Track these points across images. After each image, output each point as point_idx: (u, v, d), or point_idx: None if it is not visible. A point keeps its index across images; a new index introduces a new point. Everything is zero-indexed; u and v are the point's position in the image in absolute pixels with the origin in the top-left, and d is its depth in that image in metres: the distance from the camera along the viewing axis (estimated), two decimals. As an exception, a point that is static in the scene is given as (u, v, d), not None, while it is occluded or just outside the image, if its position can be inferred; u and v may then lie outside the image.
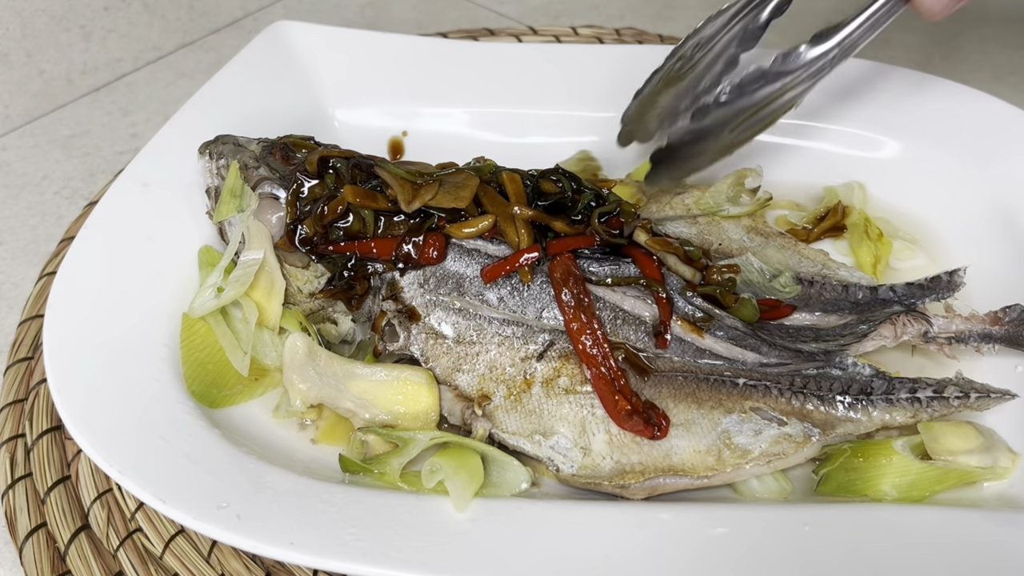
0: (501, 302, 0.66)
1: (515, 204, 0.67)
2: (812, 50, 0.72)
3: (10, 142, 1.04)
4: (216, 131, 0.78)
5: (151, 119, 1.08)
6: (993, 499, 0.61)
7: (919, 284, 0.70)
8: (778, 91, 0.74)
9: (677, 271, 0.68)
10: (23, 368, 0.75)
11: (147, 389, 0.63)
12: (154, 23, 1.16)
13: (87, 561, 0.62)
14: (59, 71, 1.08)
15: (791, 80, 0.73)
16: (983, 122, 0.81)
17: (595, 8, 1.26)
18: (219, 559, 0.62)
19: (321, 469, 0.63)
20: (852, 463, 0.62)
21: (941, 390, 0.62)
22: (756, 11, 0.75)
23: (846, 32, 0.71)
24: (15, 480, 0.67)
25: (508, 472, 0.61)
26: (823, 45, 0.72)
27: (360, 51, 0.92)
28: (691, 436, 0.61)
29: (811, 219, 0.81)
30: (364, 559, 0.53)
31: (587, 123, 0.89)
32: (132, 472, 0.56)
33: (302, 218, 0.69)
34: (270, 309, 0.69)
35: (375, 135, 0.89)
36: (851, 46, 0.71)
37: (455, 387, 0.65)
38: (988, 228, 0.76)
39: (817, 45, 0.72)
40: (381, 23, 1.24)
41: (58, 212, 0.95)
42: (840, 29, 0.71)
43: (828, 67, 0.72)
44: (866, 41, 0.71)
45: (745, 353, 0.65)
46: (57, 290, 0.66)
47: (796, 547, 0.55)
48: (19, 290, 0.86)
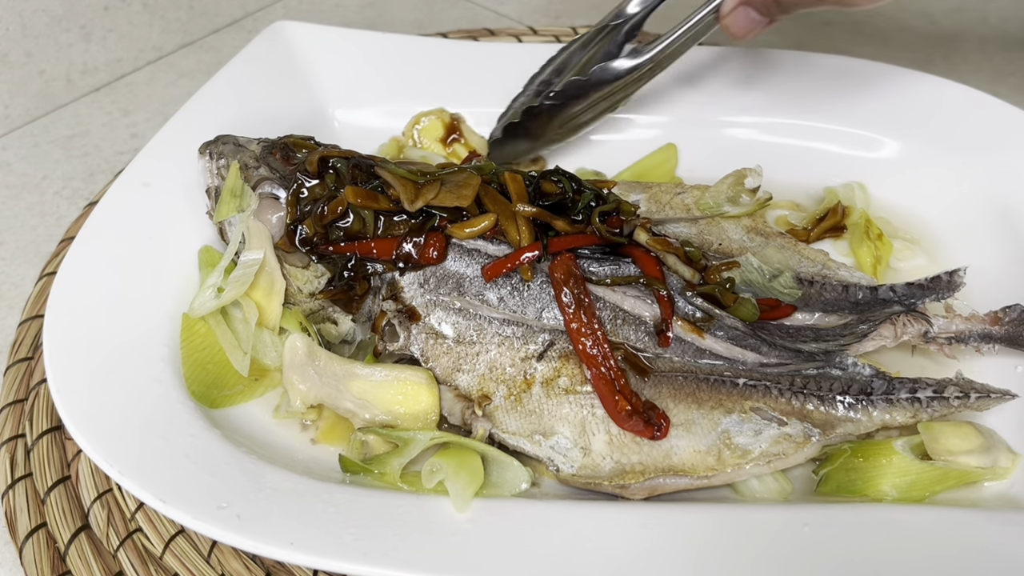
0: (501, 302, 0.66)
1: (517, 203, 0.67)
2: (628, 62, 0.80)
3: (10, 142, 1.04)
4: (216, 131, 0.78)
5: (151, 119, 1.08)
6: (993, 499, 0.61)
7: (919, 284, 0.70)
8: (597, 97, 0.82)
9: (677, 271, 0.68)
10: (23, 368, 0.75)
11: (147, 389, 0.63)
12: (154, 23, 1.16)
13: (87, 561, 0.62)
14: (59, 71, 1.08)
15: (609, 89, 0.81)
16: (983, 122, 0.81)
17: (595, 8, 1.26)
18: (219, 559, 0.62)
19: (321, 469, 0.63)
20: (852, 463, 0.62)
21: (941, 390, 0.62)
22: (612, 35, 0.83)
23: (660, 47, 0.79)
24: (15, 480, 0.67)
25: (508, 472, 0.61)
26: (639, 59, 0.80)
27: (360, 51, 0.92)
28: (691, 436, 0.61)
29: (811, 220, 0.81)
30: (364, 559, 0.53)
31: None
32: (132, 472, 0.56)
33: (302, 218, 0.69)
34: (270, 309, 0.69)
35: (375, 135, 0.89)
36: (664, 60, 0.79)
37: (455, 387, 0.65)
38: (988, 228, 0.76)
39: (633, 58, 0.80)
40: (381, 23, 1.24)
41: (58, 212, 0.95)
42: (655, 45, 0.79)
43: (646, 78, 0.80)
44: (679, 56, 0.79)
45: (745, 353, 0.65)
46: (57, 290, 0.66)
47: (796, 547, 0.55)
48: (19, 290, 0.86)
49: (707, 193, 0.78)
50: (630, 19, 0.82)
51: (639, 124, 0.89)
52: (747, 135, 0.86)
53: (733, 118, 0.87)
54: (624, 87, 0.81)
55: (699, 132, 0.87)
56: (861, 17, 1.14)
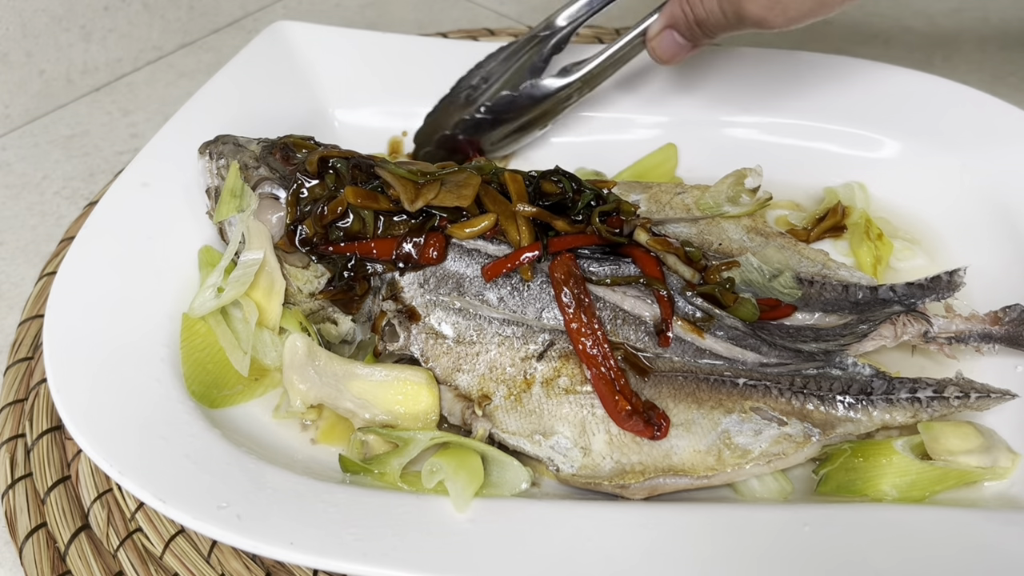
0: (501, 302, 0.66)
1: (517, 203, 0.67)
2: (558, 81, 0.82)
3: (10, 142, 1.04)
4: (216, 131, 0.78)
5: (151, 119, 1.08)
6: (993, 499, 0.61)
7: (919, 284, 0.70)
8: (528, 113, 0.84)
9: (677, 271, 0.68)
10: (23, 368, 0.75)
11: (147, 389, 0.63)
12: (154, 23, 1.16)
13: (87, 561, 0.62)
14: (59, 71, 1.08)
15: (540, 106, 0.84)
16: (983, 122, 0.81)
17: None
18: (219, 559, 0.62)
19: (321, 469, 0.63)
20: (852, 463, 0.62)
21: (941, 390, 0.62)
22: (539, 47, 0.84)
23: (588, 68, 0.81)
24: (15, 480, 0.68)
25: (508, 472, 0.61)
26: (568, 78, 0.82)
27: (360, 51, 0.92)
28: (691, 436, 0.61)
29: (811, 220, 0.81)
30: (364, 559, 0.53)
31: (587, 123, 0.89)
32: (132, 472, 0.56)
33: (302, 218, 0.69)
34: (270, 309, 0.69)
35: (375, 135, 0.89)
36: (592, 80, 0.82)
37: (455, 387, 0.65)
38: (988, 228, 0.76)
39: (563, 77, 0.82)
40: (381, 23, 1.24)
41: (58, 212, 0.95)
42: (584, 65, 0.81)
43: (576, 96, 0.83)
44: (606, 77, 0.82)
45: (745, 353, 0.65)
46: (57, 290, 0.66)
47: (796, 547, 0.55)
48: (19, 290, 0.86)
49: (707, 193, 0.78)
50: (558, 31, 0.84)
51: (639, 124, 0.89)
52: (747, 135, 0.86)
53: (733, 118, 0.87)
54: (553, 106, 0.84)
55: (699, 132, 0.87)
56: (861, 17, 1.14)
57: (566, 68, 0.82)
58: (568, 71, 0.82)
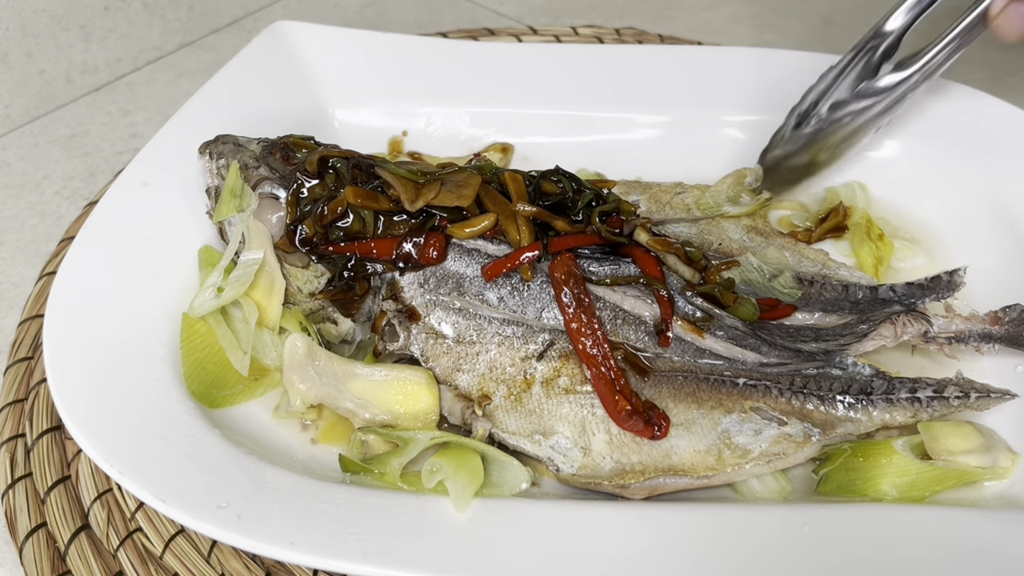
0: (501, 302, 0.66)
1: (517, 203, 0.67)
2: (894, 76, 0.76)
3: (10, 142, 1.04)
4: (216, 131, 0.78)
5: (151, 119, 1.08)
6: (993, 499, 0.61)
7: (919, 284, 0.70)
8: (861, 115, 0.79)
9: (677, 271, 0.68)
10: (23, 368, 0.75)
11: (147, 389, 0.63)
12: (154, 23, 1.16)
13: (87, 561, 0.62)
14: (59, 71, 1.08)
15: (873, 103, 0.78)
16: (983, 122, 0.81)
17: (595, 8, 1.26)
18: (219, 559, 0.62)
19: (321, 469, 0.63)
20: (852, 463, 0.62)
21: (941, 390, 0.62)
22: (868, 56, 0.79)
23: (927, 57, 0.75)
24: (15, 480, 0.67)
25: (508, 472, 0.61)
26: (905, 71, 0.76)
27: (360, 51, 0.92)
28: (691, 436, 0.61)
29: (813, 220, 0.81)
30: (364, 559, 0.53)
31: (587, 123, 0.89)
32: (132, 472, 0.56)
33: (302, 218, 0.69)
34: (270, 309, 0.69)
35: (375, 135, 0.89)
36: (932, 70, 0.75)
37: (455, 387, 0.65)
38: (988, 228, 0.76)
39: (899, 71, 0.76)
40: (381, 23, 1.24)
41: (58, 212, 0.95)
42: (922, 55, 0.75)
43: (910, 91, 0.76)
44: (947, 64, 0.75)
45: (745, 353, 0.65)
46: (57, 290, 0.66)
47: (796, 547, 0.55)
48: (19, 290, 0.86)
49: (707, 193, 0.78)
50: (886, 37, 0.78)
51: (639, 124, 0.89)
52: (747, 135, 0.87)
53: (733, 118, 0.87)
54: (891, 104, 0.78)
55: (699, 132, 0.87)
56: (861, 17, 1.14)
57: (901, 62, 0.77)
58: (903, 64, 0.76)
